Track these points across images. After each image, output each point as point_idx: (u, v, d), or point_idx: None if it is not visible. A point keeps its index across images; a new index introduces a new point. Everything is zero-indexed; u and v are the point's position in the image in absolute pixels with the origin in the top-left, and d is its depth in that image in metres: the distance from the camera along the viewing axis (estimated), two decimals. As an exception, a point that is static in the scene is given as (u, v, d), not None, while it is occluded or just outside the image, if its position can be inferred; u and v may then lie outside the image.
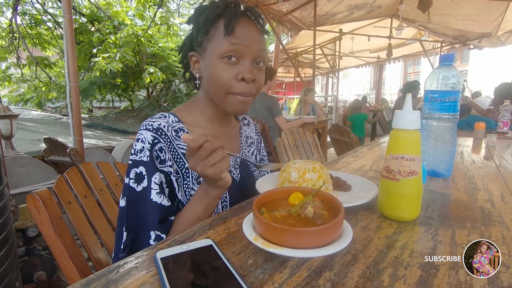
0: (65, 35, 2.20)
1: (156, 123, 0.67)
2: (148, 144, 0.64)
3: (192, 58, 0.71)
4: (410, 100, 0.54)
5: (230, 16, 0.63)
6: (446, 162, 0.84)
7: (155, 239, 0.60)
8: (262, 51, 0.67)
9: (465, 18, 5.60)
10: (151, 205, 0.62)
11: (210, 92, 0.70)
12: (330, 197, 0.50)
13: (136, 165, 0.63)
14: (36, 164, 2.16)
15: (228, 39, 0.63)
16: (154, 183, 0.63)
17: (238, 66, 0.65)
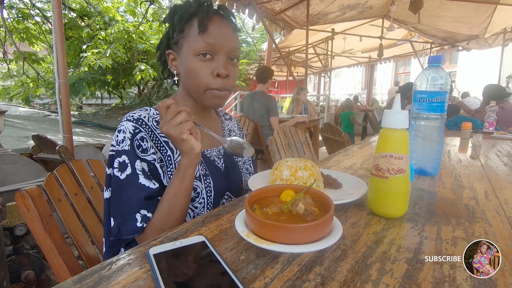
0: (54, 30, 2.16)
1: (136, 114, 0.69)
2: (129, 133, 0.65)
3: (169, 56, 0.73)
4: (399, 100, 0.55)
5: (203, 15, 0.66)
6: (433, 160, 0.87)
7: (142, 220, 0.61)
8: (235, 48, 0.70)
9: (454, 20, 5.72)
10: (139, 187, 0.63)
11: (189, 88, 0.72)
12: (321, 195, 0.51)
13: (119, 154, 0.65)
14: (24, 161, 2.11)
15: (202, 37, 0.66)
16: (138, 169, 0.64)
17: (213, 63, 0.68)
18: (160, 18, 6.84)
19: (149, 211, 0.62)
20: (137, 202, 0.62)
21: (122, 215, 0.63)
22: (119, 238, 0.62)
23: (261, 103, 3.22)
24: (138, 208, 0.61)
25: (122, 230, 0.62)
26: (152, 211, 0.62)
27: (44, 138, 1.69)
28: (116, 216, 0.63)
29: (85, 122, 7.00)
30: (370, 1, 5.17)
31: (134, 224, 0.61)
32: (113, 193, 0.64)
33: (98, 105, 10.60)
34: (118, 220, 0.62)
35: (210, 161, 0.76)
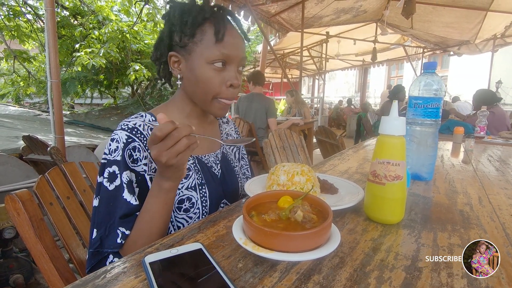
0: (46, 29, 2.12)
1: (131, 122, 0.67)
2: (122, 143, 0.64)
3: (171, 57, 0.70)
4: (396, 107, 0.55)
5: (219, 23, 0.65)
6: (428, 166, 0.87)
7: (121, 237, 0.60)
8: (245, 58, 0.70)
9: (445, 26, 5.82)
10: (121, 202, 0.61)
11: (194, 94, 0.71)
12: (318, 201, 0.51)
13: (110, 164, 0.63)
14: (13, 162, 2.07)
15: (217, 46, 0.65)
16: (123, 182, 0.62)
17: (225, 72, 0.67)
18: (154, 18, 6.80)
19: (127, 229, 0.60)
20: (118, 214, 0.60)
21: (106, 227, 0.61)
22: (99, 250, 0.61)
23: (261, 105, 3.28)
24: (118, 225, 0.60)
25: (104, 242, 0.60)
26: (130, 227, 0.60)
27: (35, 139, 1.65)
28: (99, 227, 0.61)
29: (77, 122, 6.89)
30: (364, 5, 5.23)
31: (115, 238, 0.59)
32: (101, 203, 0.63)
33: (90, 104, 10.45)
34: (101, 232, 0.61)
35: (207, 167, 0.75)
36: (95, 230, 0.61)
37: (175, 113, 0.75)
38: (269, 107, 3.28)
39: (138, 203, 0.63)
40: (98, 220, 0.62)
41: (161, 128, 0.49)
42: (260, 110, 3.29)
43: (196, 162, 0.73)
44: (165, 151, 0.50)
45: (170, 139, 0.50)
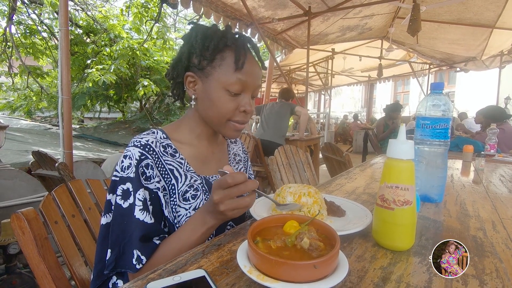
0: (60, 48, 2.20)
1: (144, 139, 0.67)
2: (135, 160, 0.64)
3: (187, 78, 0.71)
4: (404, 130, 0.55)
5: (240, 51, 0.66)
6: (437, 187, 0.85)
7: (136, 259, 0.59)
8: (260, 86, 0.72)
9: (451, 43, 5.85)
10: (135, 222, 0.61)
11: (207, 116, 0.72)
12: (325, 227, 0.50)
13: (123, 181, 0.63)
14: (22, 177, 2.09)
15: (237, 74, 0.66)
16: (138, 199, 0.62)
17: (239, 98, 0.69)
18: (164, 36, 6.99)
19: (143, 254, 0.59)
20: (135, 239, 0.60)
21: (121, 247, 0.60)
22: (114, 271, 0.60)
23: (284, 107, 3.50)
24: (135, 246, 0.59)
25: (118, 262, 0.60)
26: (147, 255, 0.60)
27: (44, 155, 1.68)
28: (114, 247, 0.61)
29: (85, 136, 7.00)
30: (369, 23, 5.30)
31: (130, 259, 0.59)
32: (114, 221, 0.62)
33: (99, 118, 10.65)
34: (116, 252, 0.60)
35: None
36: (109, 250, 0.61)
37: (186, 132, 0.76)
38: (292, 106, 3.51)
39: (153, 222, 0.63)
40: (112, 239, 0.61)
41: (235, 176, 0.53)
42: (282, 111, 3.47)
43: (204, 182, 0.73)
44: (227, 200, 0.54)
45: (237, 189, 0.53)
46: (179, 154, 0.72)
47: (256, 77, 0.69)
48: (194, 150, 0.75)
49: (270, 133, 3.48)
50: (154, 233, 0.63)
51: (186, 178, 0.71)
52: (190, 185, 0.70)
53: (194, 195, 0.70)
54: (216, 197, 0.54)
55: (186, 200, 0.69)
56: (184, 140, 0.75)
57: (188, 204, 0.69)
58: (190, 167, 0.72)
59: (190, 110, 0.76)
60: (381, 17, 5.18)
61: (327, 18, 4.75)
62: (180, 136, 0.75)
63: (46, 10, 7.28)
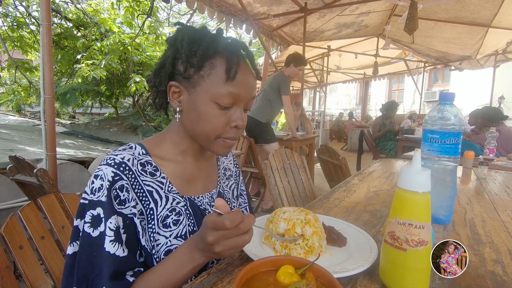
0: (42, 43, 2.06)
1: (119, 156, 0.58)
2: (108, 182, 0.55)
3: (172, 88, 0.62)
4: (419, 157, 0.47)
5: (232, 59, 0.57)
6: (446, 207, 0.78)
7: None
8: (254, 98, 0.64)
9: (447, 41, 5.81)
10: (105, 255, 0.53)
11: (194, 131, 0.62)
12: (326, 275, 0.41)
13: (93, 206, 0.54)
14: (1, 181, 1.98)
15: (227, 84, 0.57)
16: (109, 228, 0.53)
17: (230, 112, 0.60)
18: (156, 31, 6.83)
19: None
20: (106, 273, 0.51)
21: (89, 282, 0.52)
22: None
23: (274, 82, 3.03)
24: (106, 282, 0.51)
25: None
26: None
27: (22, 160, 1.57)
28: (81, 284, 0.52)
29: (76, 133, 6.83)
30: (365, 20, 5.23)
31: None
32: (82, 253, 0.54)
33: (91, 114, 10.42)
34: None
35: (200, 211, 0.65)
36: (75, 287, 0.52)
37: (169, 147, 0.67)
38: (280, 83, 2.98)
39: (127, 254, 0.54)
40: (79, 274, 0.52)
41: (233, 220, 0.46)
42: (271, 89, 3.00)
43: (188, 204, 0.64)
44: (223, 241, 0.47)
45: (235, 231, 0.47)
46: (160, 173, 0.63)
47: (250, 88, 0.60)
48: (178, 167, 0.66)
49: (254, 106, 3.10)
50: (127, 267, 0.54)
51: (167, 201, 0.62)
52: (171, 209, 0.62)
53: (176, 220, 0.61)
54: (210, 238, 0.47)
55: (167, 227, 0.60)
56: (167, 156, 0.66)
57: (168, 231, 0.60)
58: (173, 187, 0.63)
59: (174, 123, 0.66)
60: (378, 14, 5.11)
61: (323, 15, 4.66)
62: (162, 151, 0.66)
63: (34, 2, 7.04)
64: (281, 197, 1.78)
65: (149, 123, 7.45)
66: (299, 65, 3.09)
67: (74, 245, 0.56)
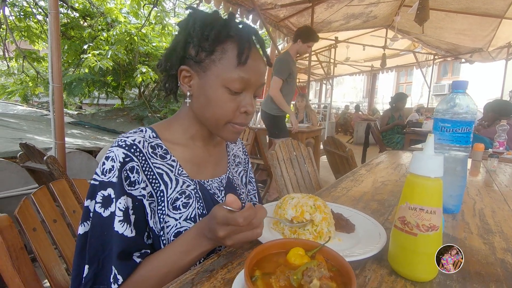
0: (50, 32, 2.07)
1: (130, 138, 0.59)
2: (119, 163, 0.56)
3: (182, 72, 0.62)
4: (432, 142, 0.46)
5: (244, 43, 0.57)
6: (455, 197, 0.78)
7: (113, 277, 0.52)
8: (264, 85, 0.63)
9: (458, 33, 5.68)
10: (114, 235, 0.54)
11: (204, 116, 0.63)
12: (337, 257, 0.42)
13: (104, 187, 0.55)
14: (12, 168, 2.01)
15: (238, 70, 0.57)
16: (118, 208, 0.54)
17: (240, 98, 0.60)
18: (162, 21, 6.79)
19: (120, 274, 0.52)
20: (114, 252, 0.52)
21: (99, 261, 0.53)
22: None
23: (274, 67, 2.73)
24: (114, 261, 0.52)
25: (98, 279, 0.53)
26: (124, 275, 0.52)
27: (32, 147, 1.59)
28: (92, 262, 0.53)
29: (83, 123, 6.89)
30: (374, 11, 5.13)
31: (109, 276, 0.51)
32: (93, 232, 0.55)
33: (97, 105, 10.49)
34: (95, 268, 0.53)
35: (210, 195, 0.66)
36: (87, 266, 0.53)
37: (179, 132, 0.67)
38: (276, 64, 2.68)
39: (134, 235, 0.55)
40: (90, 253, 0.54)
41: (246, 217, 0.47)
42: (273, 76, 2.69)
43: (198, 188, 0.65)
44: (235, 235, 0.48)
45: (248, 226, 0.48)
46: (170, 156, 0.64)
47: (260, 74, 0.61)
48: (188, 151, 0.67)
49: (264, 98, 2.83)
50: (134, 248, 0.55)
51: (177, 184, 0.62)
52: (181, 192, 0.62)
53: (186, 203, 0.62)
54: (221, 233, 0.48)
55: (176, 209, 0.61)
56: (177, 140, 0.66)
57: (178, 213, 0.61)
58: (183, 170, 0.64)
59: (184, 108, 0.67)
60: (387, 4, 5.00)
61: (331, 5, 4.57)
62: (171, 136, 0.66)
63: (41, -8, 7.03)
64: (287, 188, 1.79)
65: (155, 114, 7.48)
66: (307, 41, 2.70)
67: (85, 225, 0.57)
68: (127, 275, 0.53)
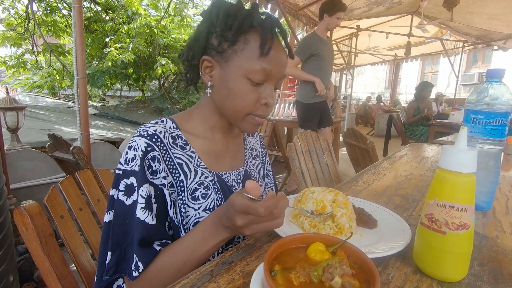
0: (74, 26, 2.13)
1: (151, 128, 0.60)
2: (141, 151, 0.57)
3: (204, 62, 0.62)
4: (465, 135, 0.43)
5: (266, 34, 0.57)
6: (487, 193, 0.73)
7: (135, 265, 0.53)
8: (284, 77, 0.63)
9: (490, 18, 5.31)
10: (136, 222, 0.55)
11: (224, 107, 0.63)
12: (359, 254, 0.40)
13: (127, 175, 0.56)
14: (41, 158, 2.12)
15: (260, 60, 0.57)
16: (141, 196, 0.55)
17: (261, 89, 0.60)
18: (181, 12, 6.82)
19: (141, 261, 0.53)
20: (136, 239, 0.54)
21: (122, 248, 0.55)
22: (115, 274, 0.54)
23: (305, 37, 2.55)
24: (135, 248, 0.53)
25: (120, 266, 0.54)
26: (144, 262, 0.53)
27: (59, 138, 1.67)
28: (115, 249, 0.55)
29: (106, 115, 7.13)
30: (399, -4, 4.89)
31: (131, 264, 0.53)
32: (116, 220, 0.56)
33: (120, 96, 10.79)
34: (117, 254, 0.54)
35: (227, 187, 0.66)
36: (110, 253, 0.55)
37: (198, 123, 0.68)
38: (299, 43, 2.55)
39: (155, 223, 0.56)
40: (113, 240, 0.55)
41: (268, 206, 0.45)
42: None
43: (216, 180, 0.65)
44: (254, 225, 0.47)
45: (269, 216, 0.46)
46: (189, 147, 0.64)
47: (282, 66, 0.60)
48: (207, 143, 0.67)
49: None
50: (155, 236, 0.56)
51: (196, 175, 0.63)
52: (200, 183, 0.63)
53: (205, 194, 0.62)
54: (240, 222, 0.46)
55: (195, 199, 0.62)
56: (196, 132, 0.67)
57: (197, 203, 0.61)
58: (201, 162, 0.64)
59: (204, 98, 0.67)
60: (413, -11, 4.75)
61: (354, -8, 4.40)
62: (191, 127, 0.67)
63: (65, -13, 7.23)
64: (305, 180, 1.77)
65: (175, 106, 7.59)
66: (333, 12, 2.44)
67: (110, 213, 0.58)
68: (147, 262, 0.53)
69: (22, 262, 1.63)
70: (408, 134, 4.22)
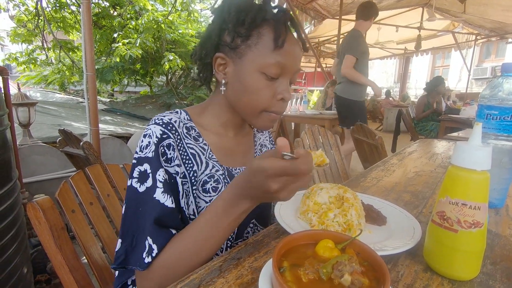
0: (82, 22, 2.15)
1: (167, 117, 0.60)
2: (156, 138, 0.57)
3: (217, 59, 0.61)
4: (479, 131, 0.42)
5: (280, 27, 0.56)
6: (500, 190, 0.72)
7: (147, 251, 0.51)
8: (299, 71, 0.62)
9: (505, 9, 5.15)
10: (153, 204, 0.53)
11: (238, 104, 0.62)
12: (368, 251, 0.40)
13: (141, 162, 0.56)
14: (52, 152, 2.16)
15: (275, 54, 0.56)
16: (159, 180, 0.54)
17: (276, 84, 0.59)
18: (188, 7, 6.81)
19: (155, 242, 0.51)
20: (151, 219, 0.52)
21: (133, 238, 0.53)
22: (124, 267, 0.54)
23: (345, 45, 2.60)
24: (149, 230, 0.52)
25: (129, 257, 0.53)
26: (159, 244, 0.51)
27: (70, 133, 1.69)
28: (125, 237, 0.54)
29: (115, 110, 7.20)
30: (410, -12, 4.77)
31: (141, 253, 0.51)
32: (128, 208, 0.55)
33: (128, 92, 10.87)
34: (127, 243, 0.53)
35: None
36: (120, 241, 0.54)
37: (211, 118, 0.68)
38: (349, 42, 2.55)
39: (174, 207, 0.55)
40: (124, 228, 0.54)
41: (308, 162, 0.42)
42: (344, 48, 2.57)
43: (226, 174, 0.65)
44: (289, 186, 0.43)
45: (303, 174, 0.43)
46: (202, 139, 0.64)
47: (296, 59, 0.59)
48: (219, 139, 0.67)
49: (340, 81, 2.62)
50: (171, 222, 0.54)
51: (207, 167, 0.63)
52: (210, 176, 0.63)
53: (215, 187, 0.63)
54: (276, 186, 0.42)
55: (206, 192, 0.62)
56: (208, 126, 0.67)
57: (208, 196, 0.62)
58: (213, 155, 0.65)
59: (217, 95, 0.67)
60: (425, -19, 4.63)
61: (363, -16, 4.31)
62: (204, 121, 0.67)
63: (73, -17, 7.28)
64: (312, 176, 1.76)
65: (182, 101, 7.63)
66: (369, 17, 2.57)
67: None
68: (162, 244, 0.51)
69: (35, 254, 1.68)
70: (418, 129, 4.16)
